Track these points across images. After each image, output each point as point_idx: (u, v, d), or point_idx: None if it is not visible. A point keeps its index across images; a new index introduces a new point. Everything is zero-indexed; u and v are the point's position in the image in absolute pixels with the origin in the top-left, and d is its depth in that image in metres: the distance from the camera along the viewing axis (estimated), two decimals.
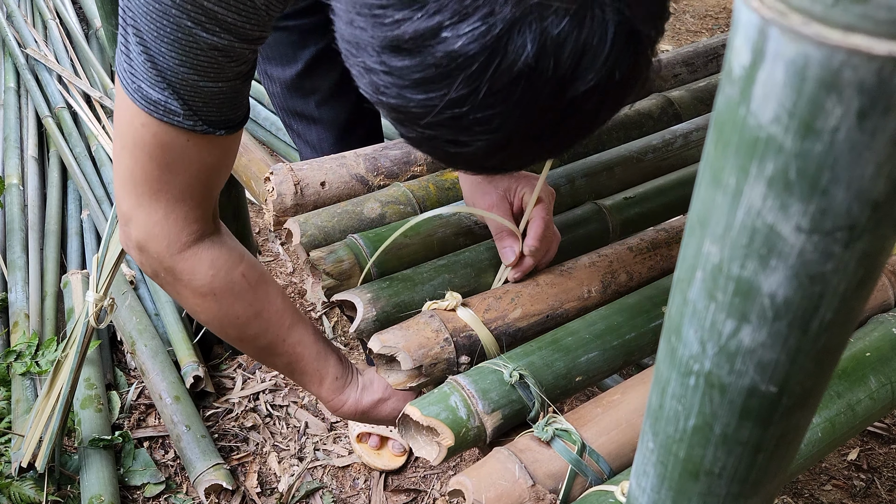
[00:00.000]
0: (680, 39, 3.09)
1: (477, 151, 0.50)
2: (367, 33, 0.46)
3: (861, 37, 0.20)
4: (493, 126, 0.48)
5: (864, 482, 1.44)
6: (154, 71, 0.62)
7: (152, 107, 0.63)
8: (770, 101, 0.22)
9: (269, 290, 0.78)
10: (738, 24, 0.23)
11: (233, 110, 0.68)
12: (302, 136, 1.18)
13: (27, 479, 1.34)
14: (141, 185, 0.68)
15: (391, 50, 0.46)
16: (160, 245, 0.71)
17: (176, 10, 0.58)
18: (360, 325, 0.73)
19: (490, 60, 0.44)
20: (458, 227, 0.86)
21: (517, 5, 0.43)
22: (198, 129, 0.65)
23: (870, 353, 0.68)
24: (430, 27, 0.44)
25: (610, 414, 0.65)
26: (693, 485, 0.35)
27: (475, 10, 0.43)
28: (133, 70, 0.63)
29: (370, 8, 0.46)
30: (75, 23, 2.64)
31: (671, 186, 0.95)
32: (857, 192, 0.23)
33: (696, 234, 0.28)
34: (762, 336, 0.27)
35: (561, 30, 0.44)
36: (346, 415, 0.83)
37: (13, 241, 1.84)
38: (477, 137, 0.49)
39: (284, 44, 1.07)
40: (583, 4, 0.44)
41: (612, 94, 0.49)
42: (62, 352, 1.29)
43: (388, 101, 0.49)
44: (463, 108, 0.46)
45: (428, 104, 0.47)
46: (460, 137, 0.49)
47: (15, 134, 2.21)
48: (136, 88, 0.63)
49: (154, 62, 0.61)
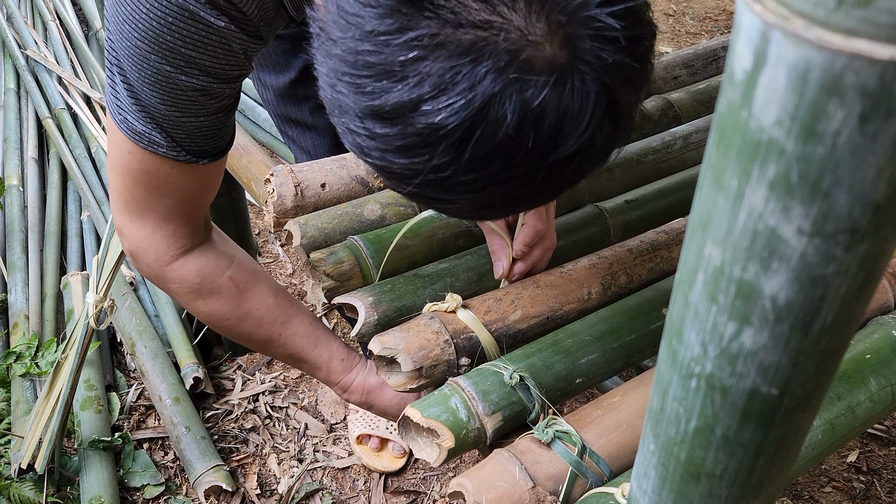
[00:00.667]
0: (679, 41, 3.09)
1: (462, 208, 0.52)
2: (349, 99, 0.47)
3: (863, 41, 0.20)
4: (476, 188, 0.48)
5: (864, 484, 1.44)
6: (138, 107, 0.64)
7: (137, 137, 0.66)
8: (772, 104, 0.23)
9: (258, 290, 0.80)
10: (740, 27, 0.23)
11: (216, 140, 0.70)
12: (297, 141, 1.19)
13: (27, 480, 1.33)
14: (130, 203, 0.72)
15: (373, 117, 0.47)
16: (149, 258, 0.75)
17: (155, 56, 0.60)
18: (362, 329, 0.73)
19: (471, 131, 0.44)
20: (459, 229, 0.86)
21: (497, 79, 0.43)
22: (181, 159, 0.68)
23: (870, 356, 0.68)
24: (410, 100, 0.44)
25: (610, 416, 0.65)
26: (694, 487, 0.35)
27: (454, 85, 0.43)
28: (119, 103, 0.65)
29: (351, 77, 0.46)
30: (75, 24, 2.64)
31: (671, 189, 0.95)
32: (858, 196, 0.23)
33: (698, 237, 0.28)
34: (764, 338, 0.28)
35: (542, 99, 0.44)
36: (355, 395, 0.85)
37: (13, 243, 1.84)
38: (461, 196, 0.50)
39: (277, 52, 1.07)
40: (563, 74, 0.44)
41: (593, 157, 0.50)
42: (62, 353, 1.29)
43: (373, 161, 0.50)
44: (446, 173, 0.47)
45: (412, 168, 0.48)
46: (444, 196, 0.50)
47: (15, 135, 2.21)
48: (122, 120, 0.66)
49: (137, 99, 0.64)
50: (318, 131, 1.16)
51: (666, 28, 3.16)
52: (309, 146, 1.17)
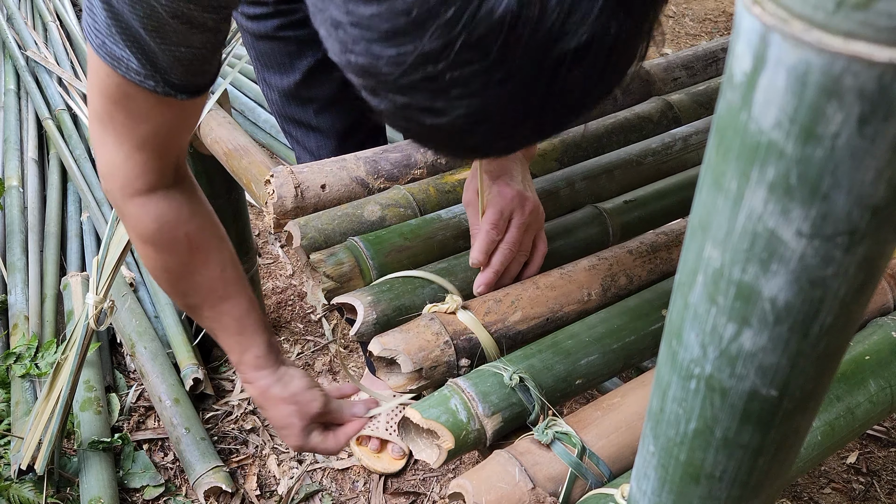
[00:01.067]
0: (679, 43, 3.09)
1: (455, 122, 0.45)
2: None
3: (862, 44, 0.20)
4: (471, 89, 0.42)
5: (864, 485, 1.44)
6: (117, 28, 0.62)
7: (115, 62, 0.64)
8: (771, 106, 0.23)
9: (211, 257, 0.80)
10: (739, 30, 0.23)
11: (196, 76, 0.67)
12: (301, 142, 1.19)
13: (26, 481, 1.33)
14: (108, 124, 0.70)
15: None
16: (116, 183, 0.74)
17: None
18: (361, 328, 0.73)
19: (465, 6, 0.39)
20: (458, 230, 0.86)
21: None
22: (158, 91, 0.66)
23: (869, 357, 0.68)
24: None
25: (610, 417, 0.65)
26: (694, 488, 0.35)
27: None
28: (97, 26, 0.63)
29: None
30: (75, 25, 2.64)
31: (671, 190, 0.95)
32: (857, 198, 0.23)
33: (698, 238, 0.28)
34: (763, 340, 0.28)
35: None
36: (252, 392, 0.86)
37: (13, 243, 1.84)
38: (454, 104, 0.43)
39: (282, 53, 1.07)
40: None
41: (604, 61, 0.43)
42: (62, 354, 1.29)
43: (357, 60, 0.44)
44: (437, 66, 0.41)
45: (398, 60, 0.42)
46: (436, 104, 0.44)
47: (15, 136, 2.21)
48: (101, 44, 0.63)
49: (117, 20, 0.61)
50: (323, 132, 1.16)
51: (666, 29, 3.16)
52: (313, 147, 1.17)
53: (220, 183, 1.36)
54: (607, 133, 1.07)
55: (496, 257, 0.77)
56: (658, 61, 1.24)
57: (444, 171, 0.97)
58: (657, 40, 0.47)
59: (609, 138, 1.07)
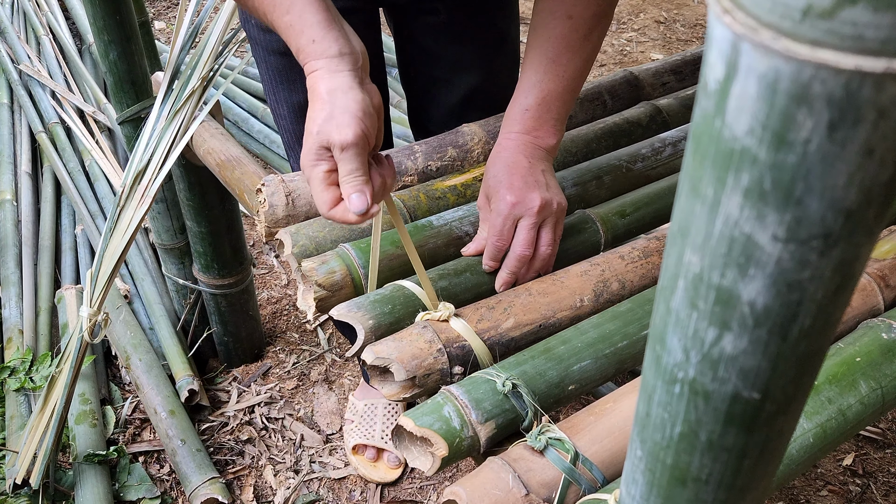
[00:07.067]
0: (671, 48, 3.11)
1: None
2: None
3: (828, 51, 0.20)
4: None
5: (860, 487, 1.44)
6: None
7: None
8: (744, 113, 0.23)
9: None
10: (711, 39, 0.24)
11: None
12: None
13: (22, 495, 1.33)
14: None
15: None
16: None
17: None
18: (360, 352, 0.73)
19: None
20: (449, 237, 0.86)
21: None
22: None
23: (860, 358, 0.69)
24: None
25: (603, 422, 0.65)
26: (681, 491, 0.35)
27: None
28: None
29: None
30: (68, 38, 2.64)
31: (661, 194, 0.95)
32: (830, 202, 0.23)
33: (678, 244, 0.28)
34: (743, 343, 0.28)
35: None
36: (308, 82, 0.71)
37: (7, 257, 1.84)
38: None
39: (294, 70, 1.06)
40: None
41: None
42: (56, 367, 1.29)
43: None
44: None
45: None
46: None
47: (8, 149, 2.21)
48: None
49: None
50: None
51: (657, 35, 3.18)
52: None
53: (213, 194, 1.36)
54: (596, 138, 1.07)
55: (508, 261, 0.81)
56: (647, 66, 1.24)
57: (435, 179, 0.98)
58: None
59: (598, 143, 1.07)
